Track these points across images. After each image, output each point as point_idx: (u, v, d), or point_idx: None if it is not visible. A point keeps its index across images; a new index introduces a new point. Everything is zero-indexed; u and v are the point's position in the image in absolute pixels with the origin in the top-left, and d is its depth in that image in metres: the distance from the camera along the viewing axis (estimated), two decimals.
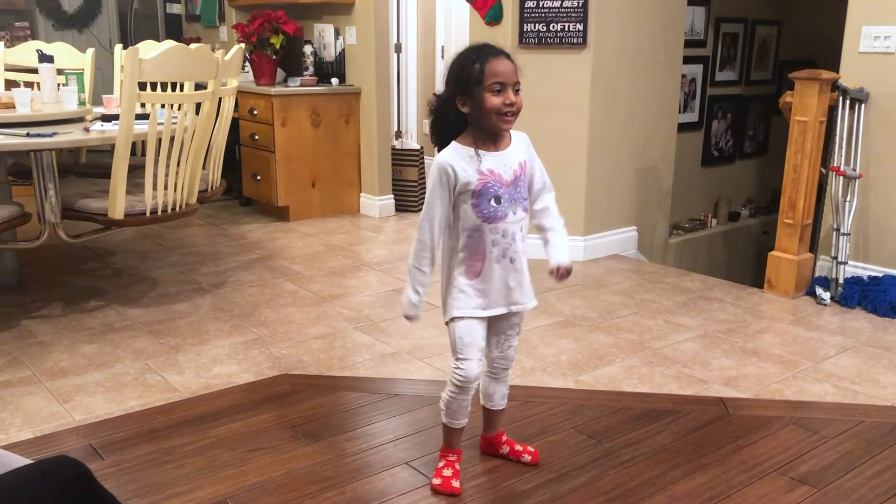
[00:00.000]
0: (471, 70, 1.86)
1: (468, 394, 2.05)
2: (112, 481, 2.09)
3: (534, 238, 2.03)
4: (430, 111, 2.00)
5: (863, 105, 3.64)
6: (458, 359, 2.01)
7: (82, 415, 2.48)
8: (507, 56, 1.89)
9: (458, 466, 2.13)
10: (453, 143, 1.93)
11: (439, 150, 1.96)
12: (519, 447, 2.26)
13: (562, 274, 2.00)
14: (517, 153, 1.97)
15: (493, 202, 1.91)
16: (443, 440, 2.16)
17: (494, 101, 1.85)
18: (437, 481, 2.09)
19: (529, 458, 2.24)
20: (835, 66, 3.72)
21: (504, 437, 2.28)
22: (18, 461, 1.35)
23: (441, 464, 2.14)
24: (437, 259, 1.99)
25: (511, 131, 1.97)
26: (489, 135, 1.93)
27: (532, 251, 2.02)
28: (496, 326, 2.10)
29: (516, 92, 1.88)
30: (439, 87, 1.99)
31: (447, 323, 2.03)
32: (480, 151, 1.91)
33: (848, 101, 3.63)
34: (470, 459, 2.24)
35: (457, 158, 1.91)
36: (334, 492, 2.08)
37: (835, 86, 3.61)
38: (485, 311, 2.00)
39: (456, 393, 2.04)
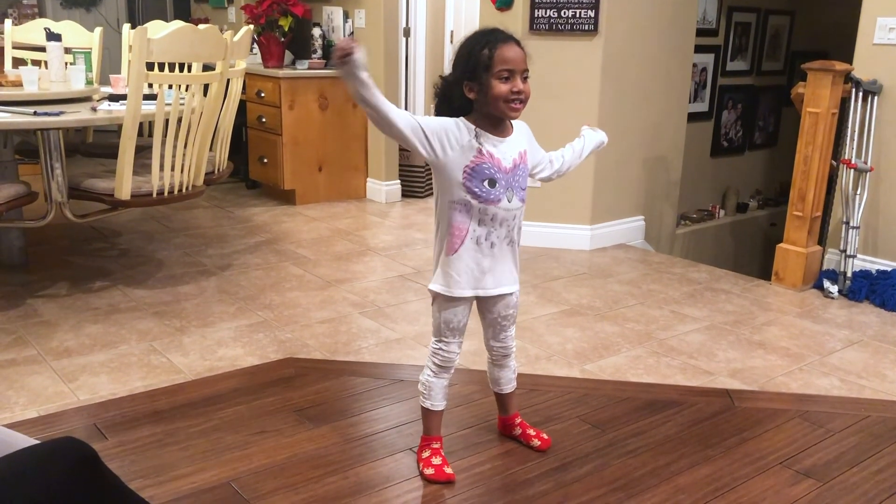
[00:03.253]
0: (479, 55, 1.84)
1: (449, 373, 2.07)
2: (116, 462, 2.09)
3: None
4: (434, 93, 1.98)
5: (876, 97, 3.61)
6: (440, 340, 2.03)
7: (87, 395, 2.49)
8: (517, 42, 1.87)
9: (442, 453, 2.12)
10: (461, 118, 1.91)
11: None
12: (531, 431, 2.26)
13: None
14: (519, 141, 1.96)
15: (486, 184, 1.89)
16: (423, 428, 2.14)
17: (502, 88, 1.83)
18: (429, 471, 2.07)
19: (539, 443, 2.24)
20: (848, 57, 3.69)
21: (518, 420, 2.28)
22: (24, 441, 1.35)
23: (426, 454, 2.11)
24: (386, 105, 1.93)
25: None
26: (493, 121, 1.91)
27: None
28: (486, 315, 2.09)
29: (524, 80, 1.86)
30: (448, 71, 1.96)
31: (432, 294, 2.02)
32: (480, 131, 1.89)
33: (861, 94, 3.60)
34: (475, 447, 2.24)
35: (461, 126, 1.89)
36: (338, 476, 2.08)
37: (848, 77, 3.58)
38: (451, 290, 1.97)
39: (438, 373, 2.06)
